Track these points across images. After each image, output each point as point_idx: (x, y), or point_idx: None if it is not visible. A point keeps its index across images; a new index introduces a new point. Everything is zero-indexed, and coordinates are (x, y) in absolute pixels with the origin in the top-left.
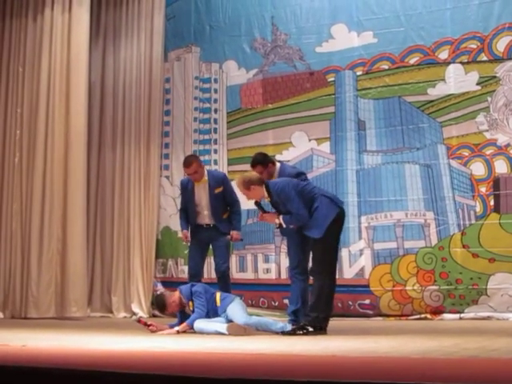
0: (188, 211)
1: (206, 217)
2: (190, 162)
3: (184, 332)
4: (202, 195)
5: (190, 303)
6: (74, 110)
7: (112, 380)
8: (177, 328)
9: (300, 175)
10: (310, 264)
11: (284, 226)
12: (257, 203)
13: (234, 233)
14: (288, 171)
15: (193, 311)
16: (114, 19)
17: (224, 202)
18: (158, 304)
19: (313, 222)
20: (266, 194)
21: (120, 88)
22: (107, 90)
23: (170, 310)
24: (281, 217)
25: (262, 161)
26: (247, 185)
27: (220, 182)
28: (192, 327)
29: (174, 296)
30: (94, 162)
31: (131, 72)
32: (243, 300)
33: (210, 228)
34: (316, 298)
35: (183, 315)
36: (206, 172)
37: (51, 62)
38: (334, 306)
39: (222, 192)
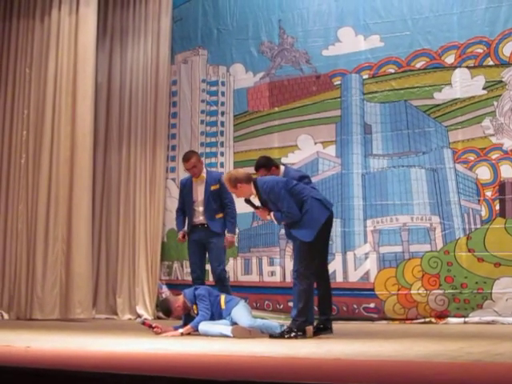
0: (186, 210)
1: (200, 214)
2: (189, 156)
3: (188, 334)
4: (198, 191)
5: (195, 307)
6: (80, 111)
7: (116, 382)
8: (181, 330)
9: (303, 178)
10: (295, 266)
11: (275, 222)
12: (246, 200)
13: (228, 236)
14: (292, 174)
15: (197, 314)
16: (121, 20)
17: (219, 201)
18: (163, 309)
19: (303, 225)
20: (254, 191)
21: (127, 89)
22: (114, 91)
23: (175, 314)
24: (272, 213)
25: (265, 164)
26: (234, 183)
27: (217, 180)
28: (196, 330)
29: (179, 300)
30: (99, 163)
31: (138, 74)
32: (248, 303)
33: (204, 228)
34: (304, 303)
35: (188, 317)
36: (205, 170)
37: (58, 63)
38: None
39: (217, 190)
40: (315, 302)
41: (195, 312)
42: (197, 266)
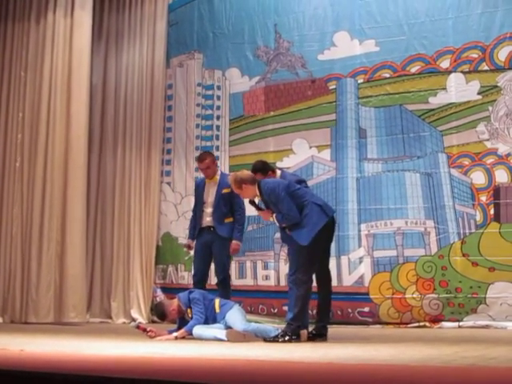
0: (197, 212)
1: (208, 215)
2: (204, 157)
3: (182, 338)
4: (210, 192)
5: (189, 310)
6: (75, 114)
7: None
8: (175, 334)
9: (300, 182)
10: (291, 271)
11: (277, 224)
12: (251, 201)
13: (233, 243)
14: (288, 179)
15: (192, 318)
16: (117, 23)
17: (229, 206)
18: (158, 313)
19: (301, 228)
20: (258, 192)
21: (122, 93)
22: (109, 94)
23: (169, 317)
24: (274, 215)
25: (262, 168)
26: (239, 184)
27: (229, 184)
28: (190, 333)
29: (174, 304)
30: (94, 166)
31: (133, 77)
32: (242, 307)
33: (211, 232)
34: (300, 308)
35: (182, 321)
36: (219, 172)
37: (53, 65)
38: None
39: (228, 194)
40: (314, 308)
41: (189, 316)
42: (199, 269)
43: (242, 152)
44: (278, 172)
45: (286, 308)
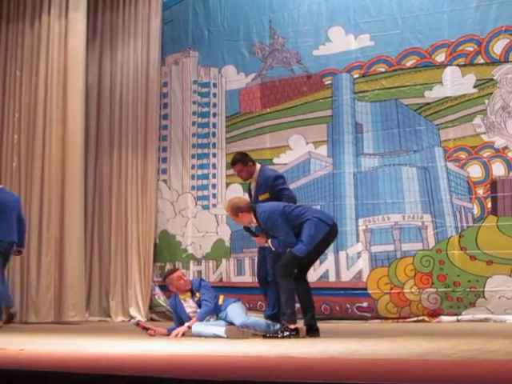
0: None
1: None
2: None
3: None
4: None
5: (198, 294)
6: (71, 113)
7: (110, 383)
8: (187, 324)
9: (279, 178)
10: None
11: (273, 249)
12: (245, 227)
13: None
14: (267, 174)
15: (197, 302)
16: (111, 22)
17: None
18: (169, 270)
19: (300, 244)
20: (254, 219)
21: (117, 91)
22: (104, 93)
23: (175, 280)
24: (269, 240)
25: (242, 159)
26: (236, 211)
27: None
28: (201, 320)
29: (186, 276)
30: (91, 165)
31: (128, 75)
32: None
33: None
34: (287, 296)
35: (179, 322)
36: None
37: (48, 66)
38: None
39: None
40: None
41: (196, 299)
42: None
43: (238, 149)
44: (258, 166)
45: None
